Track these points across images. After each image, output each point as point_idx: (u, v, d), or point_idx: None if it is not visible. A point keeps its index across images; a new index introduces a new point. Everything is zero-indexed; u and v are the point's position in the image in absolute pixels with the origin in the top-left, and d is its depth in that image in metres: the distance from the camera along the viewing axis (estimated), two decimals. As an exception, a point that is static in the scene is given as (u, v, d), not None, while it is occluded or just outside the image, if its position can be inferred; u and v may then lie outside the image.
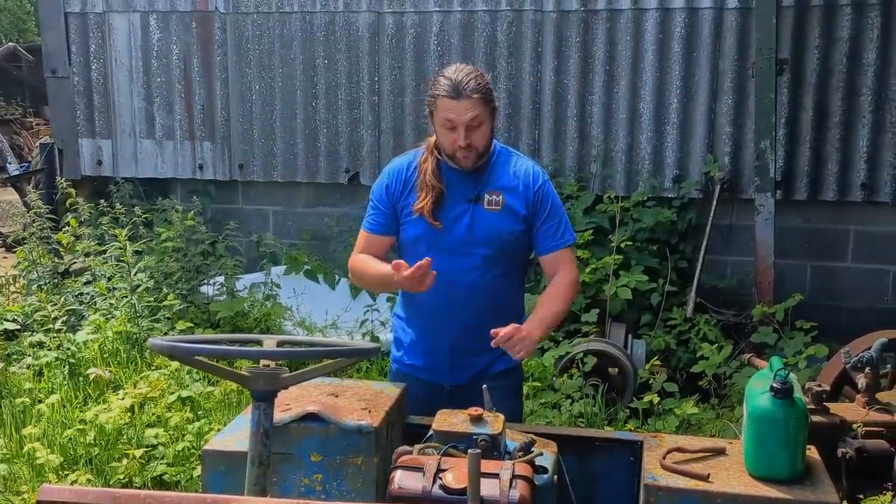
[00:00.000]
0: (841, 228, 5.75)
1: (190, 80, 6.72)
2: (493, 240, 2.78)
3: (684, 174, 5.85)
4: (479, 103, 2.64)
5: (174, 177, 6.87)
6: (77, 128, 7.00)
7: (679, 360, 4.97)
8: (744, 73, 5.65)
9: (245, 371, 1.90)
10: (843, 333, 5.13)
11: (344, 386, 2.64)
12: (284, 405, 2.46)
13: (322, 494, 2.38)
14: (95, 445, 3.67)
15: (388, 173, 2.88)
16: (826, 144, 5.60)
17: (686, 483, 2.20)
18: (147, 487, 3.51)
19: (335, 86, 6.43)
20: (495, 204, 2.77)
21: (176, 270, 5.11)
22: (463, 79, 2.63)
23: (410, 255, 2.86)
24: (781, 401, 2.18)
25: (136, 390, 3.88)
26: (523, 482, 2.00)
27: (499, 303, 2.85)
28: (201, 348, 1.77)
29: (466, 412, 2.23)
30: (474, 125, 2.65)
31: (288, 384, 1.93)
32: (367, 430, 2.33)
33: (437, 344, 2.88)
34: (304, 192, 6.70)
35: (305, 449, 2.37)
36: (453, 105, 2.62)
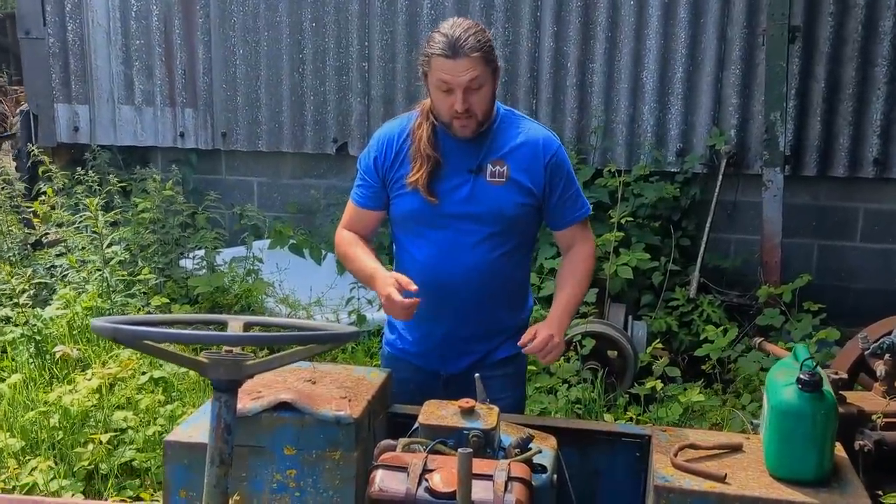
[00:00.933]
0: (850, 206, 5.53)
1: (171, 44, 6.43)
2: (495, 216, 2.52)
3: (688, 148, 5.61)
4: (478, 62, 2.37)
5: (154, 145, 6.59)
6: (52, 92, 6.69)
7: (681, 343, 4.76)
8: (753, 42, 5.40)
9: (203, 357, 1.67)
10: (851, 316, 4.95)
11: (322, 371, 2.41)
12: (256, 392, 2.24)
13: (296, 492, 2.16)
14: (59, 429, 3.44)
15: (376, 142, 2.61)
16: (838, 117, 5.37)
17: (701, 484, 1.99)
18: (114, 474, 3.30)
19: (323, 51, 6.15)
20: (499, 175, 2.51)
21: (152, 243, 4.85)
22: (461, 35, 2.35)
23: (403, 231, 2.64)
24: (809, 394, 1.97)
25: (104, 370, 3.64)
26: (520, 485, 1.79)
27: (501, 285, 2.60)
28: (149, 332, 1.53)
29: (457, 404, 2.01)
30: (473, 87, 2.38)
31: (253, 373, 1.69)
32: (347, 422, 2.11)
33: (433, 329, 2.63)
34: (289, 162, 6.43)
35: (278, 441, 2.15)
36: (449, 65, 2.34)
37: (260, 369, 1.70)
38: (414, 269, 2.58)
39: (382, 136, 2.60)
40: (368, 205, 2.64)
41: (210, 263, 5.06)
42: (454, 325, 2.61)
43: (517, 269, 2.66)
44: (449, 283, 2.55)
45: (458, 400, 2.02)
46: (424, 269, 2.56)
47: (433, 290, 2.55)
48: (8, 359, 4.00)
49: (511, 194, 2.51)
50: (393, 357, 2.75)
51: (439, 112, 2.45)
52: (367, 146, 2.65)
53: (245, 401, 2.18)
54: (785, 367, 2.14)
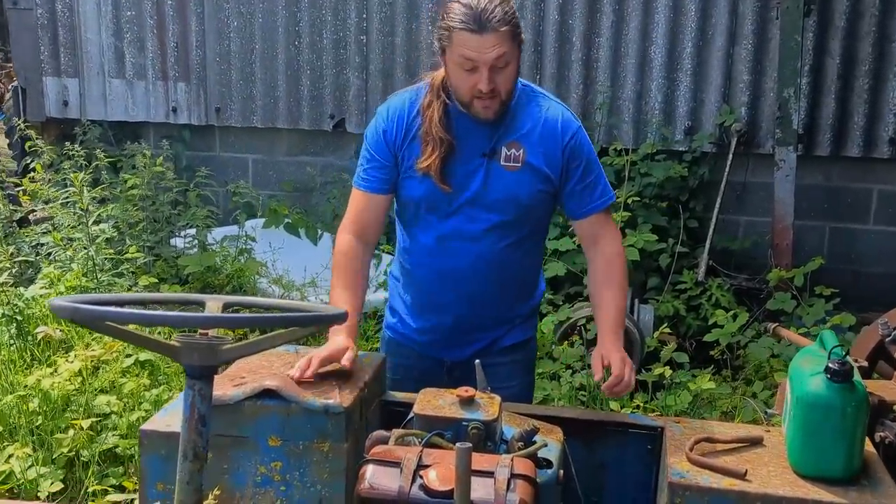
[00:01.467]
0: (864, 188, 5.35)
1: (163, 15, 6.23)
2: (509, 204, 2.32)
3: (697, 126, 5.43)
4: (506, 37, 2.13)
5: (146, 120, 6.40)
6: (41, 65, 6.49)
7: (689, 328, 4.60)
8: (765, 16, 5.21)
9: (176, 341, 1.51)
10: (864, 301, 4.81)
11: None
12: (239, 378, 2.09)
13: (281, 486, 2.01)
14: (39, 414, 3.29)
15: (385, 115, 2.35)
16: (853, 95, 5.19)
17: (719, 482, 1.83)
18: (96, 461, 3.15)
19: (320, 23, 5.95)
20: (514, 160, 2.29)
21: (141, 220, 4.68)
22: (486, 6, 2.11)
23: (409, 216, 2.42)
24: (839, 385, 1.81)
25: (87, 352, 3.49)
26: (524, 483, 1.64)
27: (512, 274, 2.43)
28: (111, 312, 1.37)
29: (455, 392, 1.86)
30: (500, 65, 2.15)
31: (230, 358, 1.54)
32: (336, 411, 1.96)
33: (438, 317, 2.46)
34: (285, 138, 6.25)
35: (262, 431, 2.00)
36: (475, 41, 2.11)
37: (237, 354, 1.54)
38: (419, 255, 2.42)
39: (392, 109, 2.35)
40: (379, 188, 2.36)
41: (202, 242, 4.89)
42: (460, 313, 2.44)
43: (528, 256, 2.48)
44: (456, 272, 2.38)
45: (458, 388, 1.86)
46: (430, 257, 2.39)
47: (439, 278, 2.40)
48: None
49: (526, 180, 2.32)
50: (394, 342, 2.59)
51: (459, 91, 2.21)
52: (374, 121, 2.38)
53: (227, 387, 2.03)
54: (811, 354, 1.99)
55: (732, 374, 4.16)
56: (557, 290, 4.83)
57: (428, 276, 2.43)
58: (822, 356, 1.90)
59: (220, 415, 2.00)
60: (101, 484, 3.10)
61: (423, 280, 2.46)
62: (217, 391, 2.01)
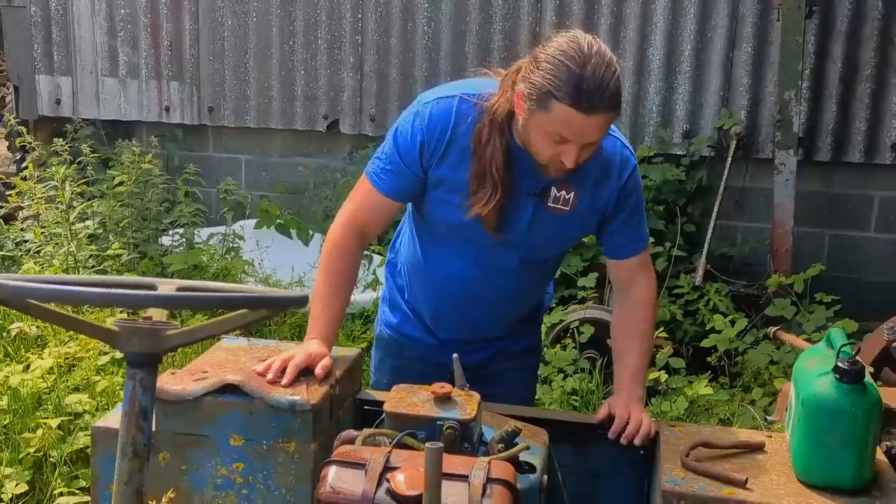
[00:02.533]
0: (865, 194, 5.18)
1: (157, 13, 6.08)
2: (548, 248, 2.13)
3: (695, 129, 5.26)
4: (611, 118, 1.84)
5: (139, 119, 6.24)
6: (34, 63, 6.34)
7: (685, 333, 4.42)
8: (766, 19, 5.05)
9: (114, 325, 1.33)
10: (865, 310, 4.62)
11: (282, 350, 2.07)
12: (201, 372, 1.91)
13: (243, 488, 1.83)
14: (8, 412, 3.11)
15: (425, 126, 1.99)
16: (854, 100, 5.02)
17: (717, 490, 1.66)
18: (63, 462, 2.96)
19: (315, 23, 5.80)
20: (563, 203, 2.01)
21: (125, 217, 4.51)
22: (602, 81, 1.75)
23: (431, 235, 2.16)
24: (849, 386, 1.64)
25: (60, 349, 3.31)
26: (501, 488, 1.45)
27: (531, 293, 2.28)
28: (37, 289, 1.19)
29: (430, 389, 1.68)
30: (593, 143, 1.87)
31: (175, 345, 1.36)
32: (303, 408, 1.78)
33: (447, 332, 2.27)
34: (279, 139, 6.09)
35: (223, 429, 1.82)
36: (578, 121, 1.77)
37: (183, 340, 1.36)
38: (436, 278, 2.21)
39: (433, 122, 1.99)
40: (396, 195, 2.08)
41: (189, 241, 4.72)
42: (474, 330, 2.26)
43: (549, 275, 2.32)
44: (476, 300, 2.19)
45: (432, 385, 1.68)
46: (449, 284, 2.18)
47: (456, 303, 2.20)
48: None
49: (572, 227, 2.09)
50: (395, 342, 2.36)
51: (536, 154, 1.90)
52: (409, 127, 2.02)
53: (187, 382, 1.85)
54: (817, 354, 1.81)
55: (730, 381, 3.97)
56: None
57: (442, 296, 2.22)
58: (830, 356, 1.73)
59: (179, 411, 1.83)
60: (69, 486, 2.91)
61: (435, 299, 2.25)
62: (176, 386, 1.85)
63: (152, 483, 1.78)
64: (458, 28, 5.54)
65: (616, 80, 1.79)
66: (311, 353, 1.92)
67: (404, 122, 2.04)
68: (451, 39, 5.55)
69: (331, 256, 2.10)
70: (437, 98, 2.03)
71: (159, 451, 1.84)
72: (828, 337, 1.83)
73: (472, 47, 5.53)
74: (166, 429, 1.83)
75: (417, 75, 5.63)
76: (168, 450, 1.85)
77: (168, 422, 1.83)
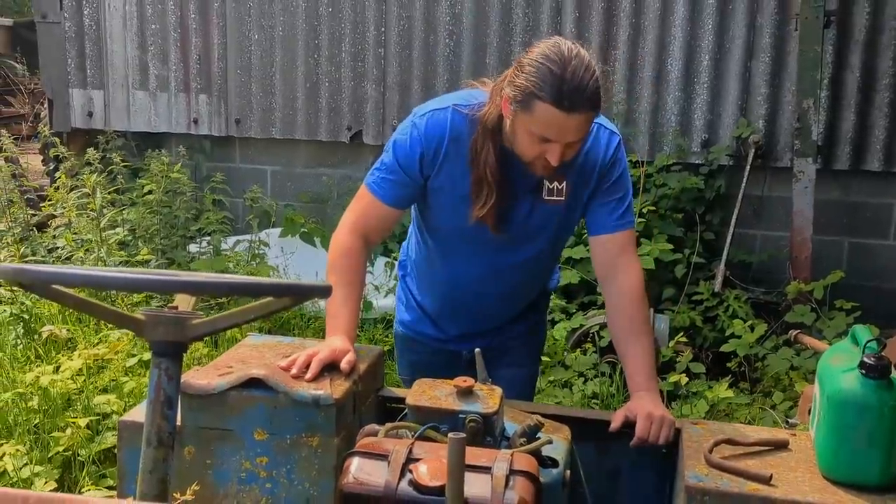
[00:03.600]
0: (884, 203, 5.09)
1: (186, 28, 6.13)
2: (549, 237, 2.14)
3: (714, 138, 5.21)
4: (591, 119, 1.88)
5: (168, 131, 6.28)
6: (68, 77, 6.41)
7: (705, 340, 4.35)
8: (784, 29, 5.00)
9: (140, 314, 1.32)
10: (884, 316, 4.54)
11: (306, 347, 2.05)
12: (226, 367, 1.90)
13: (267, 482, 1.80)
14: (38, 412, 3.11)
15: (422, 137, 2.04)
16: (873, 108, 4.94)
17: (741, 486, 1.61)
18: (91, 461, 2.96)
19: (339, 36, 5.81)
20: (557, 193, 2.05)
21: (154, 224, 4.52)
22: (581, 81, 1.78)
23: (437, 240, 2.20)
24: (875, 381, 1.59)
25: (89, 351, 3.31)
26: (524, 479, 1.42)
27: (536, 280, 2.31)
28: (62, 273, 1.17)
29: (452, 383, 1.65)
30: (575, 140, 1.90)
31: (200, 334, 1.34)
32: (327, 402, 1.76)
33: (457, 328, 2.31)
34: (303, 150, 6.10)
35: (248, 424, 1.80)
36: (559, 120, 1.80)
37: (208, 330, 1.34)
38: (443, 277, 2.24)
39: (430, 134, 2.03)
40: (397, 203, 2.11)
41: (215, 248, 4.72)
42: (482, 323, 2.29)
43: (553, 260, 2.33)
44: (484, 296, 2.22)
45: (454, 379, 1.65)
46: (457, 283, 2.21)
47: (465, 301, 2.24)
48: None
49: (568, 213, 2.11)
50: (408, 338, 2.41)
51: (522, 153, 1.94)
52: (408, 138, 2.06)
53: (211, 376, 1.84)
54: (842, 351, 1.76)
55: (750, 387, 3.91)
56: (571, 298, 4.61)
57: (450, 295, 2.26)
58: (855, 352, 1.68)
59: (205, 406, 1.81)
60: (97, 484, 2.90)
61: (444, 298, 2.29)
62: (201, 380, 1.84)
63: (178, 478, 1.77)
64: (478, 40, 5.53)
65: (595, 81, 1.83)
66: (335, 349, 1.90)
67: (402, 135, 2.09)
68: (472, 51, 5.55)
69: (339, 258, 2.12)
70: (432, 110, 2.07)
71: (184, 446, 1.83)
72: (852, 334, 1.78)
73: (493, 59, 5.51)
74: (191, 423, 1.81)
75: (439, 87, 5.63)
76: (193, 444, 1.83)
77: (193, 416, 1.81)
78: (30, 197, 5.19)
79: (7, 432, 3.09)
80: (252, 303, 1.35)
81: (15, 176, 5.14)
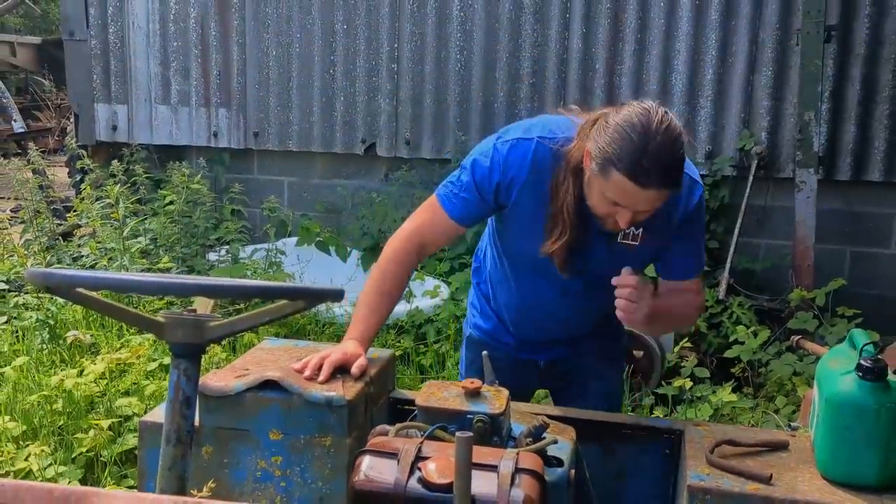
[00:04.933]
0: (885, 213, 5.07)
1: (207, 45, 6.19)
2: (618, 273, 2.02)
3: (717, 150, 5.21)
4: (667, 194, 1.80)
5: (189, 144, 6.34)
6: (93, 92, 6.49)
7: (709, 345, 4.34)
8: (785, 44, 5.00)
9: (161, 317, 1.34)
10: (885, 324, 4.50)
11: (319, 350, 2.07)
12: (242, 370, 1.91)
13: (282, 481, 1.81)
14: (63, 414, 3.14)
15: (503, 164, 1.97)
16: (873, 121, 4.93)
17: (742, 486, 1.61)
18: (113, 462, 2.98)
19: (354, 52, 5.86)
20: (632, 238, 1.98)
21: (174, 233, 4.56)
22: (658, 159, 1.71)
23: (510, 260, 2.17)
24: (872, 384, 1.58)
25: (112, 355, 3.34)
26: (530, 478, 1.43)
27: (601, 308, 2.16)
28: (81, 277, 1.20)
29: (461, 385, 1.66)
30: (647, 210, 1.84)
31: (218, 336, 1.36)
32: (339, 404, 1.77)
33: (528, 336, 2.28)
34: (319, 162, 6.14)
35: (263, 424, 1.81)
36: (633, 191, 1.75)
37: (225, 332, 1.36)
38: (516, 294, 2.21)
39: (512, 160, 1.97)
40: (465, 221, 2.06)
41: (234, 256, 4.76)
42: (552, 334, 2.25)
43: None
44: (552, 316, 2.18)
45: (462, 381, 1.66)
46: (527, 301, 2.19)
47: (533, 317, 2.21)
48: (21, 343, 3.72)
49: (642, 256, 2.03)
50: (485, 344, 2.29)
51: (593, 207, 1.89)
52: (488, 160, 1.99)
53: (228, 378, 1.85)
54: (840, 354, 1.76)
55: (754, 392, 3.89)
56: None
57: (521, 309, 2.22)
58: (853, 355, 1.67)
59: (221, 407, 1.82)
60: (118, 484, 2.93)
61: (516, 311, 2.25)
62: (219, 382, 1.85)
63: (196, 476, 1.79)
64: (489, 56, 5.56)
65: (678, 159, 1.76)
66: (347, 353, 1.91)
67: (483, 156, 2.02)
68: (483, 66, 5.57)
69: (388, 262, 2.07)
70: (518, 139, 2.00)
71: (202, 446, 1.84)
72: (850, 337, 1.78)
73: (503, 74, 5.54)
74: (209, 424, 1.83)
75: (450, 101, 5.66)
76: (211, 444, 1.85)
77: (211, 417, 1.83)
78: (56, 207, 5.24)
79: (33, 433, 3.12)
80: (268, 306, 1.37)
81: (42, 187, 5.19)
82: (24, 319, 3.92)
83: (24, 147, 7.98)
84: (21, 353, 3.65)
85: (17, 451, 2.95)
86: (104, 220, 4.56)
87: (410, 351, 4.16)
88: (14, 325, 3.89)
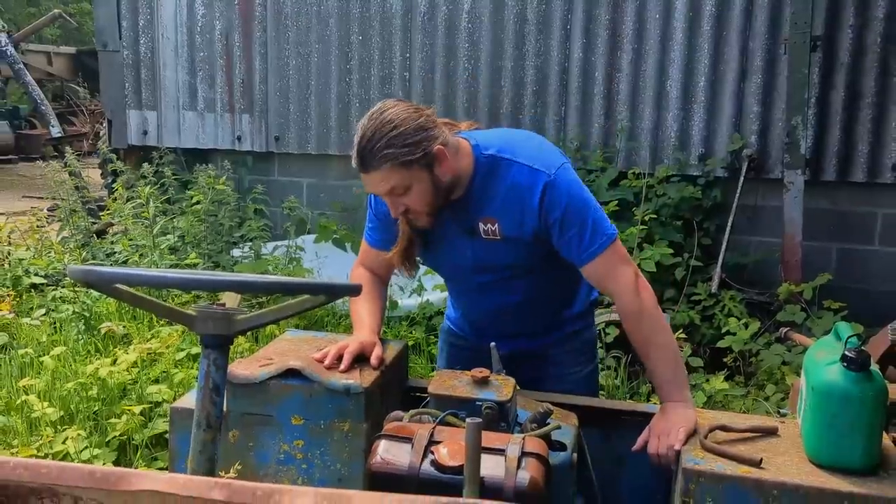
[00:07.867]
0: (869, 211, 5.05)
1: (231, 55, 6.21)
2: (506, 266, 1.99)
3: (710, 152, 5.19)
4: (393, 172, 1.77)
5: (214, 147, 6.37)
6: (125, 99, 6.52)
7: (703, 336, 4.33)
8: (774, 53, 4.98)
9: (192, 310, 1.35)
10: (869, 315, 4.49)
11: (338, 341, 2.07)
12: (266, 359, 1.92)
13: (303, 464, 1.82)
14: (97, 400, 3.16)
15: (373, 197, 2.06)
16: (857, 125, 4.91)
17: (734, 469, 1.61)
18: (144, 445, 3.00)
19: (368, 62, 5.87)
20: (492, 234, 1.94)
21: (201, 231, 4.58)
22: (368, 143, 1.76)
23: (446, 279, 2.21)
24: (856, 373, 1.58)
25: (143, 346, 3.36)
26: (535, 461, 1.43)
27: (547, 296, 2.10)
28: (120, 273, 1.21)
29: (470, 374, 1.66)
30: (398, 193, 1.83)
31: (245, 328, 1.37)
32: (356, 391, 1.77)
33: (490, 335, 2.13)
34: (336, 164, 6.15)
35: (286, 410, 1.82)
36: (364, 178, 1.83)
37: (252, 324, 1.37)
38: (456, 297, 2.26)
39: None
40: (378, 245, 2.11)
41: (256, 252, 4.77)
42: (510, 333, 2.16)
43: (559, 282, 2.11)
44: (491, 313, 2.13)
45: (472, 370, 1.67)
46: (467, 303, 2.20)
47: (479, 316, 2.18)
48: (57, 334, 3.75)
49: (511, 249, 1.96)
50: (452, 332, 2.33)
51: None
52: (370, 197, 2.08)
53: (254, 367, 1.86)
54: (826, 345, 1.75)
55: (745, 381, 3.88)
56: None
57: (470, 313, 2.22)
58: (838, 347, 1.67)
59: (247, 394, 1.84)
60: (149, 466, 2.94)
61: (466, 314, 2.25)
62: (245, 370, 1.86)
63: (224, 458, 1.79)
64: (494, 65, 5.55)
65: (386, 139, 1.75)
66: (363, 343, 1.92)
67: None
68: (489, 74, 5.57)
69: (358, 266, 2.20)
70: None
71: (230, 430, 1.85)
72: (835, 330, 1.77)
73: (508, 81, 5.54)
74: (236, 409, 1.84)
75: (459, 106, 5.66)
76: (237, 428, 1.86)
77: (237, 403, 1.84)
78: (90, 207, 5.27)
79: (70, 418, 3.14)
80: (290, 300, 1.38)
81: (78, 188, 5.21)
82: (61, 312, 3.95)
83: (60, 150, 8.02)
84: (58, 343, 3.67)
85: (55, 434, 2.96)
86: (135, 219, 4.58)
87: (422, 341, 4.17)
88: (52, 317, 3.92)
